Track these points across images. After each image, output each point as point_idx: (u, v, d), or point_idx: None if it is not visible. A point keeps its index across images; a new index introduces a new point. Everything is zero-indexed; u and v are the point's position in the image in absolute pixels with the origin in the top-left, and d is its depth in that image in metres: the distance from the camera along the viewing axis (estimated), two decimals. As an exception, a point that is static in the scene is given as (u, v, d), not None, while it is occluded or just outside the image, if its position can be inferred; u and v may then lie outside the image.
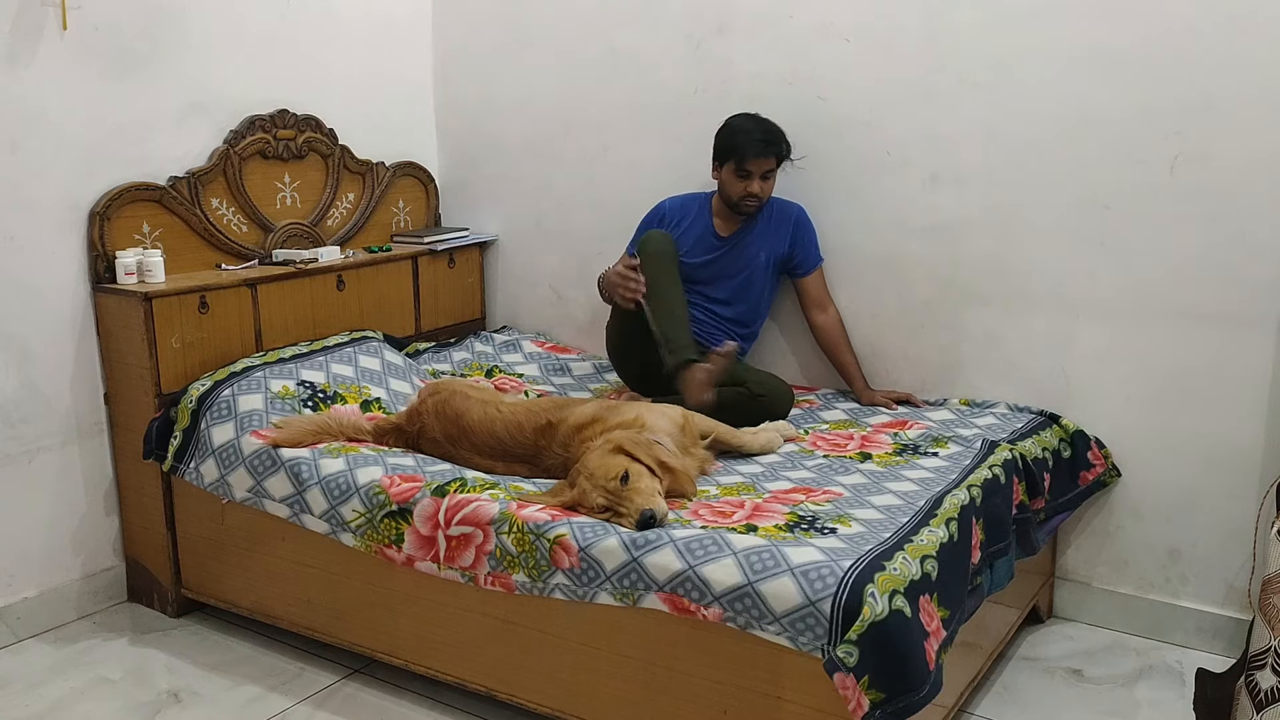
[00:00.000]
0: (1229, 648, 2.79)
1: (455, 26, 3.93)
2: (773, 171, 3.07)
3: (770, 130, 3.05)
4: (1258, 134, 2.62)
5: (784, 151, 3.07)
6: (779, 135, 3.06)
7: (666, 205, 3.27)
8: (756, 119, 3.07)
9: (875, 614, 1.92)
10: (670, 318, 2.94)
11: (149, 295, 2.93)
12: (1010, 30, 2.89)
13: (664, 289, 2.97)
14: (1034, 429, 2.83)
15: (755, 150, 3.01)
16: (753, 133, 3.03)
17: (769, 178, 3.07)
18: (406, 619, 2.58)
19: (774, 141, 3.04)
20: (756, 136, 3.02)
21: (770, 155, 3.04)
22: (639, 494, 2.32)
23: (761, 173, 3.04)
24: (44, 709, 2.62)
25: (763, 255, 3.17)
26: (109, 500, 3.13)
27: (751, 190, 3.05)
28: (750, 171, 3.03)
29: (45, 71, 2.88)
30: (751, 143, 3.01)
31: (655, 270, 2.98)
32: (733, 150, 3.04)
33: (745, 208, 3.09)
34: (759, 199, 3.07)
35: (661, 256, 3.02)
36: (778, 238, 3.18)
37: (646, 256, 3.01)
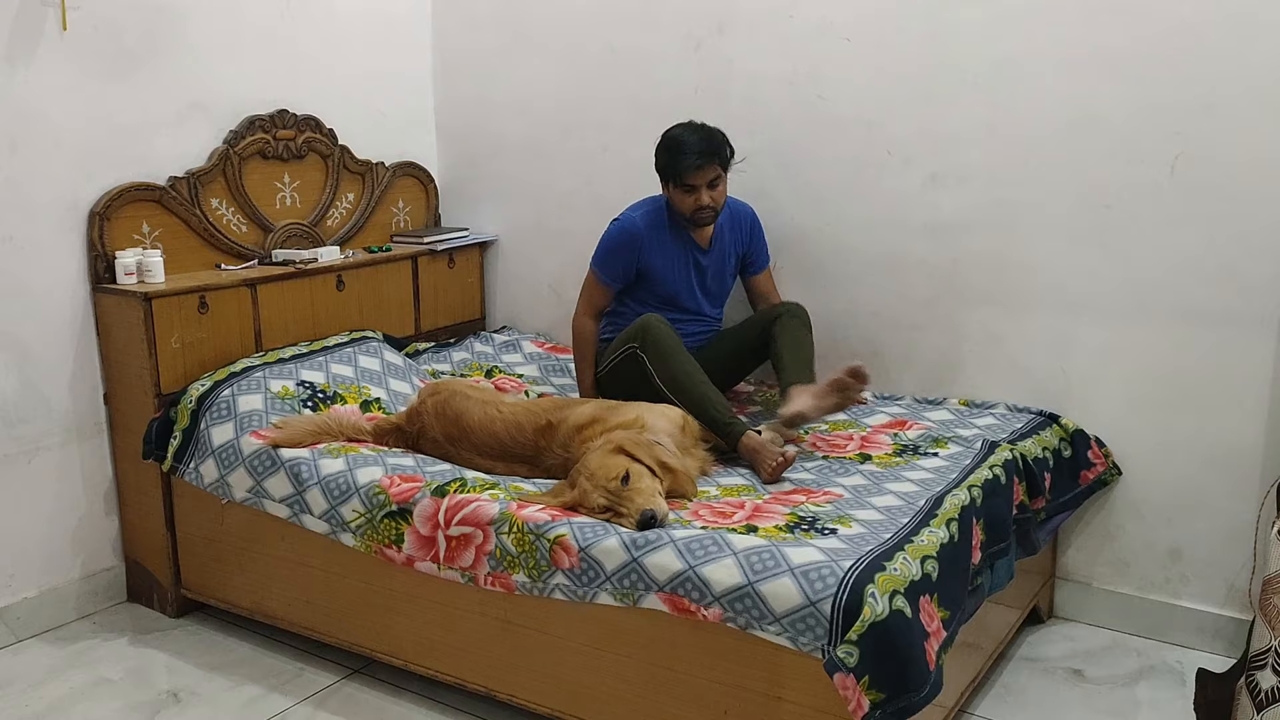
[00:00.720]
0: (1229, 648, 2.78)
1: (455, 26, 3.92)
2: (720, 178, 2.99)
3: (706, 139, 2.95)
4: (1258, 134, 2.62)
5: (725, 156, 2.98)
6: (716, 141, 2.96)
7: (639, 225, 3.09)
8: (692, 128, 2.98)
9: (875, 614, 1.91)
10: (704, 404, 2.78)
11: (149, 295, 2.92)
12: (1010, 30, 2.89)
13: (683, 380, 2.81)
14: (1034, 429, 2.83)
15: (692, 164, 2.92)
16: (687, 145, 2.93)
17: (716, 185, 2.98)
18: (406, 619, 2.57)
19: (711, 150, 2.94)
20: (691, 149, 2.92)
21: (709, 164, 2.94)
22: (640, 494, 2.32)
23: (707, 183, 2.96)
24: (44, 709, 2.62)
25: (733, 258, 3.20)
26: (109, 500, 3.13)
27: (702, 203, 2.97)
28: (694, 185, 2.95)
29: (45, 71, 2.88)
30: (687, 158, 2.92)
31: (669, 362, 2.83)
32: (671, 168, 2.96)
33: (701, 219, 3.02)
34: (713, 208, 3.00)
35: (666, 344, 2.85)
36: (739, 236, 3.19)
37: (655, 349, 2.85)
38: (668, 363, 2.82)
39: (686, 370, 2.82)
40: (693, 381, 2.80)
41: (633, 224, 3.09)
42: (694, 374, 2.82)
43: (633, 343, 2.90)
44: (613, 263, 3.11)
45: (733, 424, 2.73)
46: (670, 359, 2.83)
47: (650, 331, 2.87)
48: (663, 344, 2.84)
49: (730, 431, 2.72)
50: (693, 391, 2.79)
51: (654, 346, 2.85)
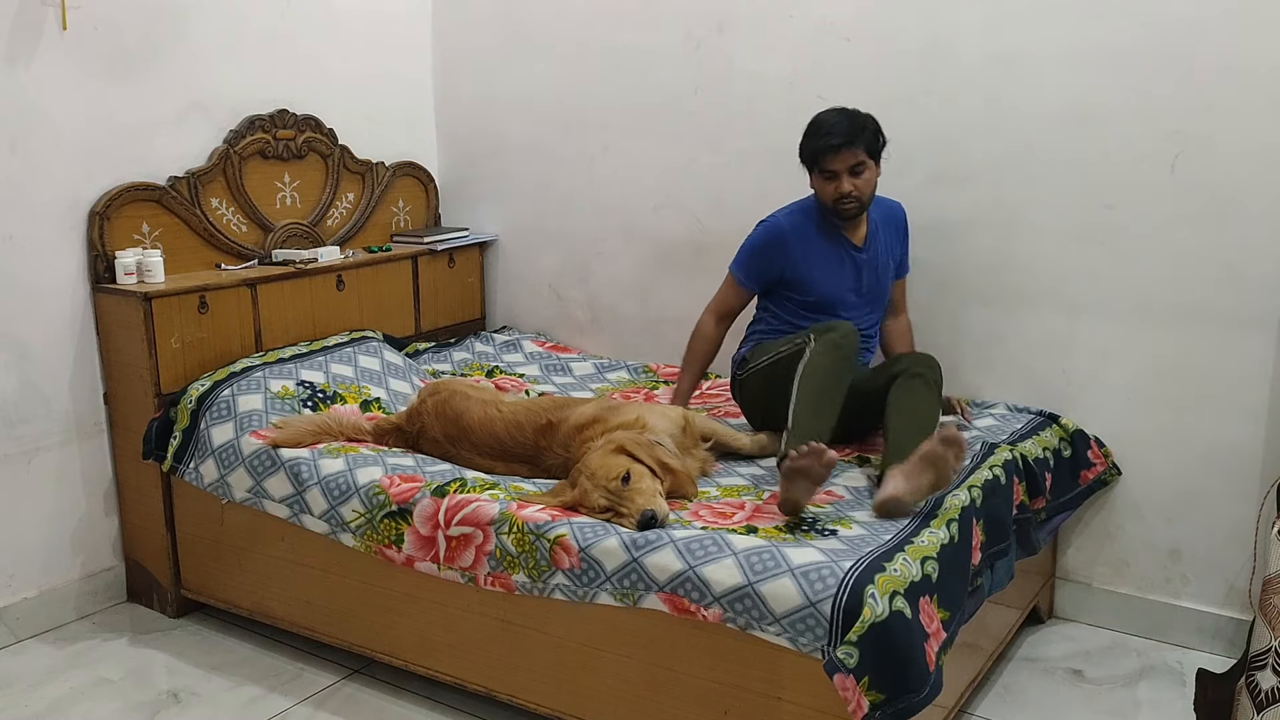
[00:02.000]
0: (1229, 648, 2.78)
1: (455, 26, 3.92)
2: (864, 164, 2.72)
3: (848, 120, 2.73)
4: (1258, 134, 2.62)
5: (869, 140, 2.72)
6: (860, 124, 2.72)
7: (784, 225, 2.86)
8: (838, 111, 2.76)
9: (875, 615, 1.91)
10: (814, 410, 2.49)
11: (149, 295, 2.92)
12: (1010, 30, 2.89)
13: (821, 386, 2.53)
14: (1034, 429, 2.83)
15: (830, 145, 2.70)
16: (826, 127, 2.72)
17: (860, 172, 2.73)
18: (406, 619, 2.57)
19: (852, 132, 2.70)
20: (831, 130, 2.71)
21: (851, 148, 2.70)
22: (640, 494, 2.32)
23: (848, 169, 2.72)
24: (44, 709, 2.62)
25: (891, 263, 2.94)
26: (109, 500, 3.13)
27: (843, 190, 2.72)
28: (835, 171, 2.72)
29: (45, 71, 2.88)
30: (825, 138, 2.71)
31: (829, 361, 2.56)
32: (810, 152, 2.76)
33: (844, 210, 2.76)
34: (858, 198, 2.74)
35: (851, 353, 2.61)
36: (893, 236, 2.95)
37: (841, 346, 2.59)
38: (825, 370, 2.54)
39: (836, 384, 2.55)
40: (825, 394, 2.52)
41: (777, 224, 2.88)
42: (833, 392, 2.54)
43: (811, 333, 2.65)
44: (753, 264, 2.89)
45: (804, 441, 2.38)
46: (830, 369, 2.55)
47: (835, 331, 2.62)
48: (838, 350, 2.58)
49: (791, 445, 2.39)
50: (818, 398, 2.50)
51: (828, 345, 2.59)
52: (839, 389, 2.55)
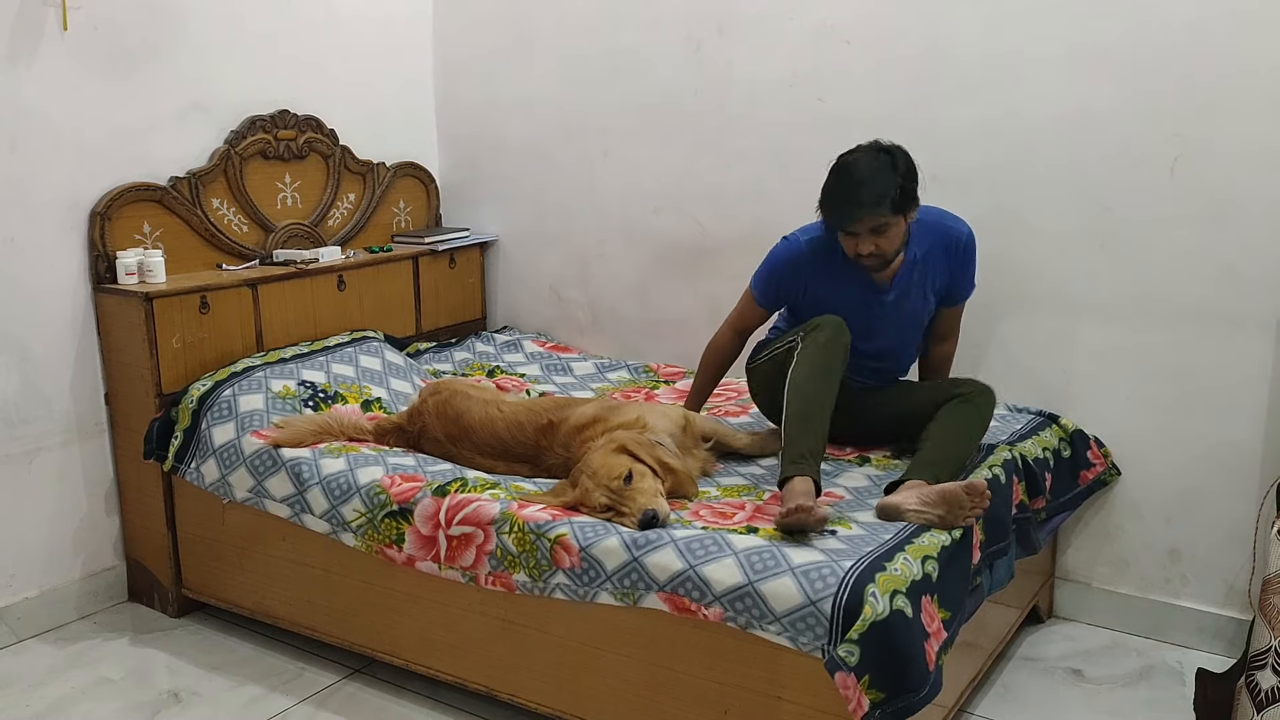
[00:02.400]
0: (1229, 648, 2.79)
1: (456, 27, 3.93)
2: (887, 224, 2.47)
3: (861, 184, 2.46)
4: (1258, 135, 2.62)
5: (894, 199, 2.45)
6: (884, 188, 2.44)
7: (804, 250, 2.66)
8: (866, 161, 2.49)
9: (876, 614, 1.92)
10: (804, 421, 2.40)
11: (150, 295, 2.93)
12: (1010, 31, 2.89)
13: (811, 393, 2.43)
14: (1034, 429, 2.83)
15: (839, 217, 2.50)
16: (845, 190, 2.48)
17: (883, 231, 2.48)
18: (407, 619, 2.58)
19: (862, 202, 2.44)
20: (847, 198, 2.47)
21: (864, 216, 2.45)
22: (642, 494, 2.32)
23: (870, 229, 2.48)
24: (44, 709, 2.62)
25: (932, 298, 2.72)
26: (110, 500, 3.13)
27: (862, 250, 2.51)
28: (855, 233, 2.50)
29: (45, 71, 2.88)
30: (844, 208, 2.48)
31: (814, 365, 2.45)
32: (823, 211, 2.56)
33: (866, 265, 2.56)
34: (880, 257, 2.53)
35: (839, 350, 2.49)
36: (937, 270, 2.69)
37: (827, 346, 2.47)
38: (813, 371, 2.45)
39: (826, 385, 2.44)
40: (815, 402, 2.42)
41: (798, 247, 2.67)
42: (824, 397, 2.44)
43: (800, 332, 2.55)
44: (769, 285, 2.73)
45: (798, 464, 2.33)
46: (816, 372, 2.45)
47: (822, 331, 2.50)
48: (824, 351, 2.47)
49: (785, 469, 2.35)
50: (808, 405, 2.41)
51: (814, 347, 2.48)
52: (829, 390, 2.45)
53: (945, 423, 2.54)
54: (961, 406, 2.58)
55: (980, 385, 2.65)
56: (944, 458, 2.44)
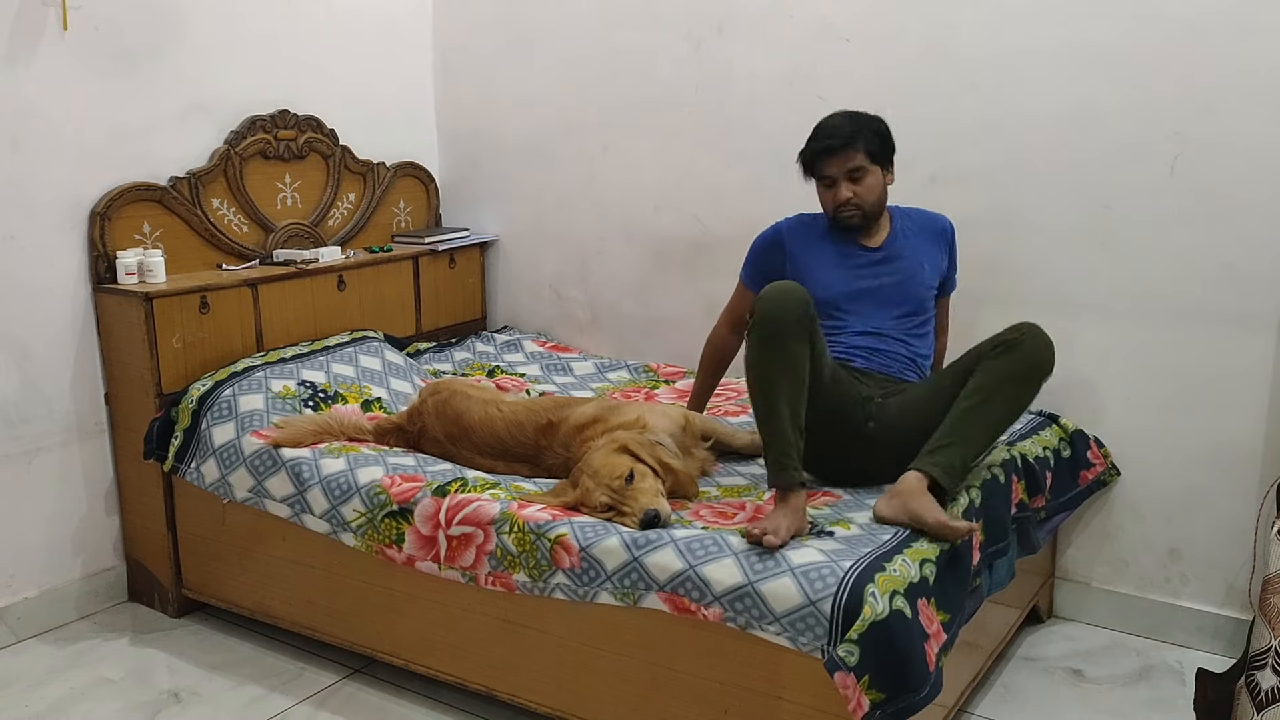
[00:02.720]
0: (1229, 648, 2.79)
1: (456, 26, 3.93)
2: (861, 169, 2.53)
3: (846, 120, 2.55)
4: (1258, 134, 2.62)
5: (871, 142, 2.52)
6: (860, 126, 2.53)
7: (785, 224, 2.72)
8: (841, 114, 2.59)
9: (876, 614, 1.92)
10: (774, 420, 2.23)
11: (150, 295, 2.93)
12: (1010, 30, 2.89)
13: (766, 392, 2.23)
14: (1034, 429, 2.83)
15: (825, 149, 2.53)
16: (821, 129, 2.56)
17: (858, 178, 2.54)
18: (407, 619, 2.58)
19: (850, 135, 2.51)
20: (824, 134, 2.54)
21: (847, 150, 2.51)
22: (643, 494, 2.32)
23: (845, 173, 2.53)
24: (44, 709, 2.62)
25: (925, 266, 2.66)
26: (109, 500, 3.13)
27: (840, 197, 2.54)
28: (832, 177, 2.55)
29: (45, 71, 2.88)
30: (819, 140, 2.54)
31: (769, 350, 2.23)
32: (806, 158, 2.59)
33: (845, 218, 2.57)
34: (858, 205, 2.54)
35: (780, 328, 2.22)
36: (936, 250, 2.69)
37: (759, 328, 2.23)
38: (770, 355, 2.22)
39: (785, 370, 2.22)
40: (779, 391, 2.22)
41: (775, 227, 2.73)
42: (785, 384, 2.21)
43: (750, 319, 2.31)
44: (756, 267, 2.74)
45: (779, 472, 2.21)
46: (775, 340, 2.21)
47: (767, 303, 2.24)
48: (777, 331, 2.21)
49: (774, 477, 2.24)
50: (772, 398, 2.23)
51: (756, 344, 2.24)
52: (788, 381, 2.22)
53: (971, 388, 2.29)
54: (996, 362, 2.28)
55: (1027, 326, 2.35)
56: (958, 439, 2.24)
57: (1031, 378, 2.31)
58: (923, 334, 2.66)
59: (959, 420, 2.27)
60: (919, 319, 2.65)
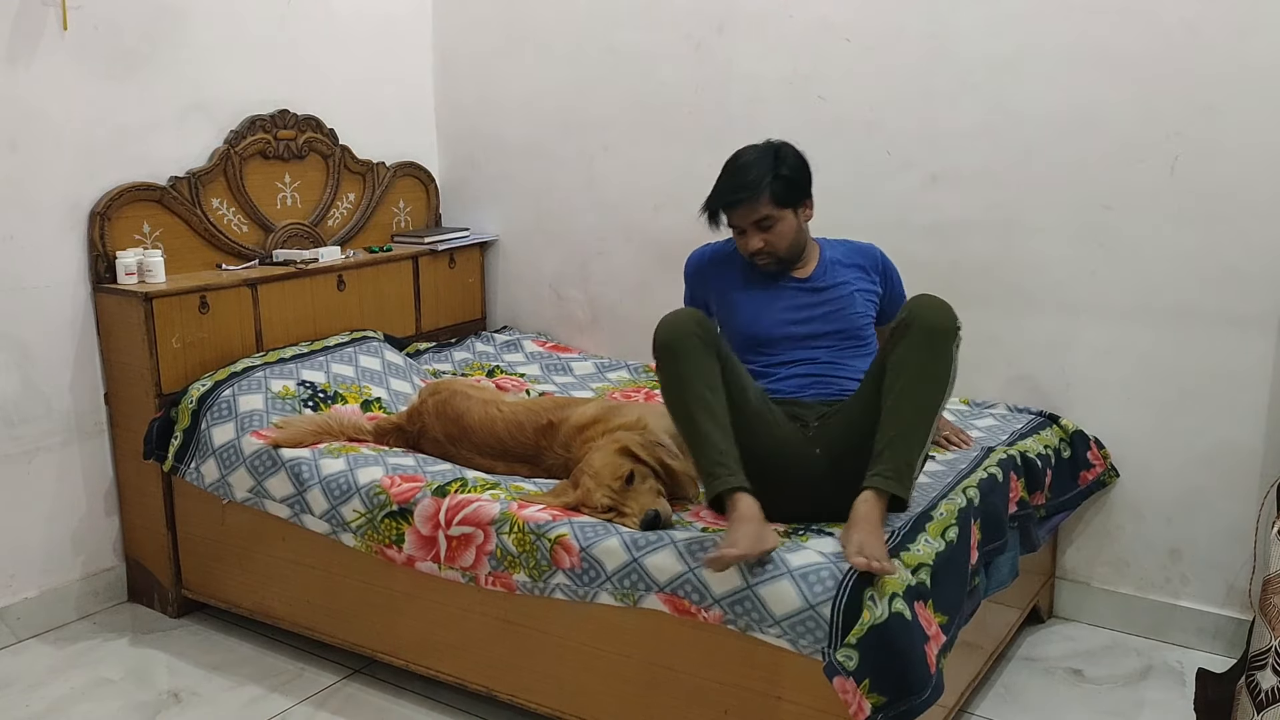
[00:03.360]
0: (1229, 648, 2.79)
1: (455, 26, 3.92)
2: (769, 218, 2.39)
3: (743, 168, 2.41)
4: (1258, 134, 2.62)
5: (777, 191, 2.38)
6: (761, 174, 2.38)
7: (704, 251, 2.62)
8: (744, 155, 2.45)
9: (875, 617, 1.91)
10: (697, 437, 2.16)
11: (149, 295, 2.93)
12: (1011, 30, 2.89)
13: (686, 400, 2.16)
14: (1034, 429, 2.83)
15: (720, 204, 2.43)
16: (721, 180, 2.44)
17: (768, 226, 2.40)
18: (407, 619, 2.58)
19: (741, 186, 2.38)
20: (723, 186, 2.42)
21: (747, 204, 2.38)
22: (644, 495, 2.32)
23: (752, 224, 2.41)
24: (44, 709, 2.62)
25: (857, 297, 2.52)
26: (109, 500, 3.13)
27: (750, 246, 2.43)
28: (739, 226, 2.45)
29: (45, 71, 2.88)
30: (715, 195, 2.43)
31: (674, 371, 2.18)
32: (708, 210, 2.48)
33: (761, 265, 2.48)
34: (770, 254, 2.43)
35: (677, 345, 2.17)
36: (867, 278, 2.57)
37: (660, 355, 2.20)
38: (676, 383, 2.18)
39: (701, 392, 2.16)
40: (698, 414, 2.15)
41: (700, 252, 2.63)
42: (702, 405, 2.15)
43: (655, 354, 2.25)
44: (688, 290, 2.67)
45: (717, 478, 2.12)
46: (680, 379, 2.18)
47: (665, 334, 2.21)
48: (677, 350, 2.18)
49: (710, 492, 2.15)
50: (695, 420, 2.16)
51: (663, 353, 2.21)
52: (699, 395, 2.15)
53: (888, 384, 2.14)
54: (898, 350, 2.14)
55: (914, 301, 2.19)
56: (895, 437, 2.10)
57: (936, 345, 2.13)
58: (865, 353, 2.50)
59: (889, 419, 2.13)
60: (857, 342, 2.51)
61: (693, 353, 2.17)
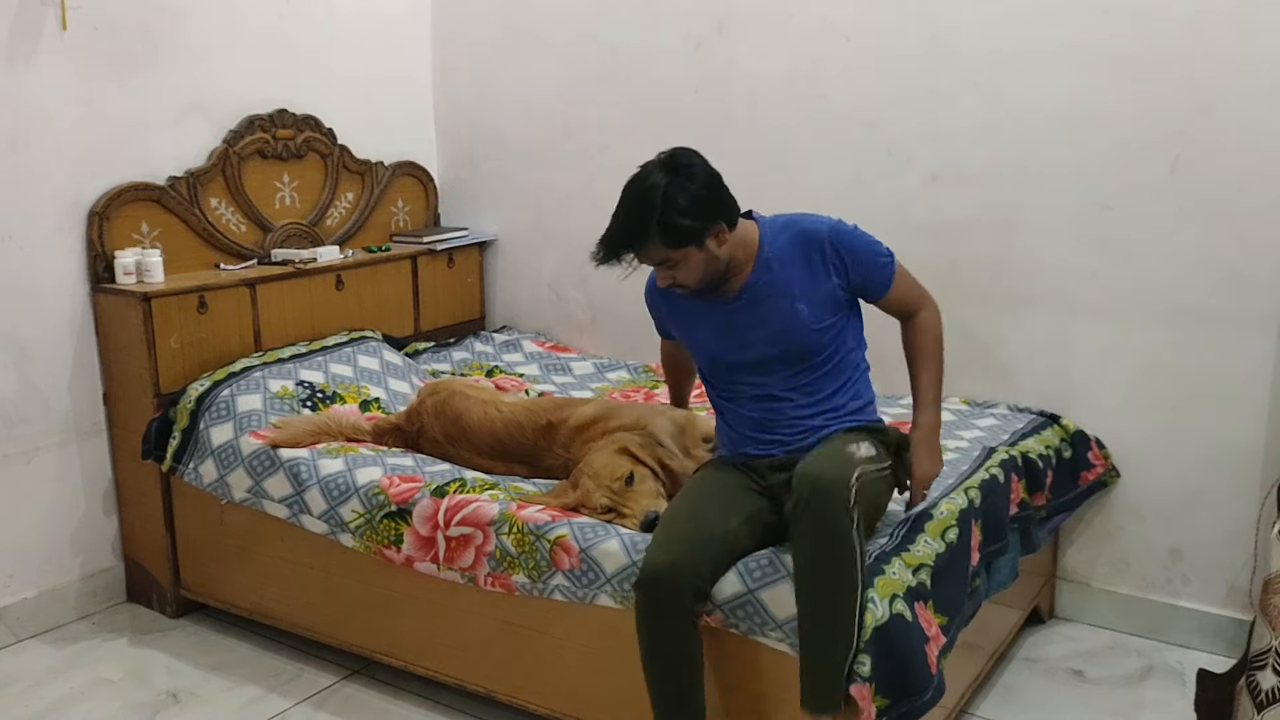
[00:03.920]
0: (1230, 648, 2.78)
1: (455, 25, 3.92)
2: (670, 260, 2.09)
3: (625, 216, 2.10)
4: (1259, 134, 2.61)
5: (658, 239, 2.05)
6: (642, 225, 2.05)
7: (653, 279, 2.30)
8: (622, 196, 2.14)
9: (876, 619, 1.91)
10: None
11: (148, 295, 2.92)
12: (1011, 29, 2.89)
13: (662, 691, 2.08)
14: (1035, 429, 2.82)
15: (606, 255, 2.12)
16: (609, 226, 2.13)
17: (672, 265, 2.10)
18: (406, 619, 2.57)
19: (627, 245, 2.08)
20: (605, 234, 2.12)
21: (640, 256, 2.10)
22: (644, 495, 2.32)
23: (657, 262, 2.12)
24: (44, 709, 2.62)
25: (803, 305, 2.16)
26: (108, 501, 3.13)
27: (663, 282, 2.17)
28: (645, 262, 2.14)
29: (45, 71, 2.87)
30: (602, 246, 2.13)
31: (651, 653, 2.07)
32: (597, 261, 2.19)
33: (680, 294, 2.23)
34: (685, 285, 2.15)
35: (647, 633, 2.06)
36: (815, 275, 2.17)
37: (642, 616, 2.06)
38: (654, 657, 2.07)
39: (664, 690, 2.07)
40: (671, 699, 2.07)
41: (650, 276, 2.32)
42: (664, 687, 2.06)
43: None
44: (655, 320, 2.50)
45: None
46: (650, 656, 2.07)
47: (639, 592, 2.05)
48: (643, 627, 2.05)
49: None
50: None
51: (639, 628, 2.07)
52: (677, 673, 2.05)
53: (802, 588, 1.95)
54: (795, 543, 1.95)
55: (802, 476, 1.95)
56: (811, 667, 1.92)
57: (822, 532, 1.92)
58: (832, 377, 2.21)
59: (801, 627, 1.95)
60: (817, 366, 2.19)
61: (663, 629, 2.04)
